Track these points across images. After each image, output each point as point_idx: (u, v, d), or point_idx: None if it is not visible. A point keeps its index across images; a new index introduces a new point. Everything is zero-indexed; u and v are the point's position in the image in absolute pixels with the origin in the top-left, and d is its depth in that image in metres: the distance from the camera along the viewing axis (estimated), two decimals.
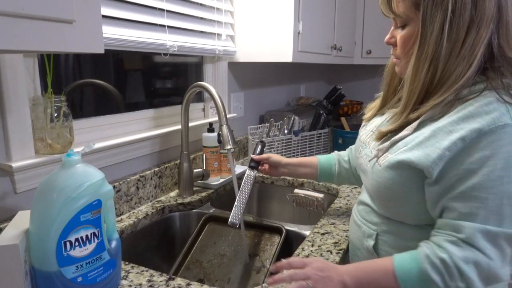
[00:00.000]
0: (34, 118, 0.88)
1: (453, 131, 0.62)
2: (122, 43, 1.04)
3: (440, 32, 0.64)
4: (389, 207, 0.76)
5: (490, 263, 0.62)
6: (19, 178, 0.86)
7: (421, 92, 0.68)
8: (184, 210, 1.24)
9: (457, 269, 0.62)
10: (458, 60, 0.64)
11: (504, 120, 0.59)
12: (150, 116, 1.30)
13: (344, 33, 2.10)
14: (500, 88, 0.62)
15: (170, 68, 1.49)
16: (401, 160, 0.68)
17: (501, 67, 0.64)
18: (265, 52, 1.56)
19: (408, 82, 0.70)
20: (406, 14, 0.69)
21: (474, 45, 0.64)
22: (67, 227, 0.65)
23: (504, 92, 0.62)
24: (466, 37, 0.63)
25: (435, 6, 0.64)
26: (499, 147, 0.59)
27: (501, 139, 0.59)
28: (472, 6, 0.63)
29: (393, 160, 0.69)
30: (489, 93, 0.63)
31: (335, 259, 0.88)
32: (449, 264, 0.62)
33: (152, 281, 0.79)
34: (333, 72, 3.08)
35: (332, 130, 1.87)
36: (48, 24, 0.53)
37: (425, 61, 0.66)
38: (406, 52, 0.71)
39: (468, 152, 0.61)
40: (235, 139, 1.10)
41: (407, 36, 0.70)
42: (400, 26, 0.72)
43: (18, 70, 0.83)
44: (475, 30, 0.63)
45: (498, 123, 0.59)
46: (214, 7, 1.45)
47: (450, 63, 0.65)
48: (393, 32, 0.75)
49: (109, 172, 1.07)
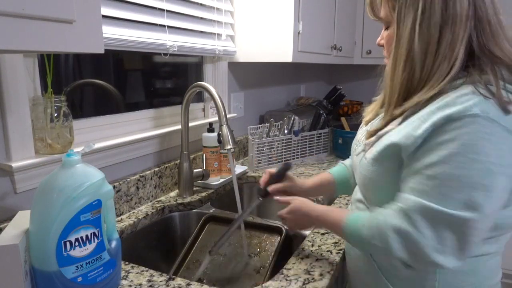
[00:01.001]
0: (34, 118, 0.88)
1: (427, 119, 0.65)
2: (122, 43, 1.04)
3: (412, 32, 0.68)
4: (377, 199, 0.78)
5: (419, 237, 0.63)
6: (19, 178, 0.86)
7: (401, 90, 0.71)
8: (184, 210, 1.24)
9: (382, 231, 0.66)
10: (438, 59, 0.67)
11: (474, 110, 0.61)
12: (150, 116, 1.30)
13: (344, 33, 2.10)
14: (478, 82, 0.64)
15: (170, 68, 1.49)
16: (384, 146, 0.71)
17: (482, 64, 0.66)
18: (265, 52, 1.56)
19: (387, 80, 0.74)
20: (386, 16, 0.74)
21: (453, 44, 0.66)
22: (67, 227, 0.65)
23: (482, 86, 0.64)
24: (440, 36, 0.66)
25: (407, 7, 0.68)
26: (461, 134, 0.61)
27: (465, 126, 0.61)
28: (442, 6, 0.66)
29: (377, 149, 0.73)
30: (466, 86, 0.65)
31: (335, 259, 0.89)
32: (379, 225, 0.67)
33: (152, 281, 0.79)
34: (333, 72, 3.08)
35: (332, 130, 1.87)
36: (48, 24, 0.53)
37: (401, 59, 0.70)
38: (389, 52, 0.75)
39: (434, 135, 0.64)
40: (235, 139, 1.09)
41: (389, 37, 0.74)
42: (386, 28, 0.77)
43: (18, 70, 0.83)
44: (450, 30, 0.66)
45: (467, 112, 0.61)
46: (214, 7, 1.45)
47: (428, 62, 0.68)
48: (383, 34, 0.79)
49: (109, 172, 1.07)
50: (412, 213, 0.64)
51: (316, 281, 0.80)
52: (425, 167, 0.64)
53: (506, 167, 0.62)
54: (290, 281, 0.80)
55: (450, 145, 0.62)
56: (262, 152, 1.59)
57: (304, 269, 0.84)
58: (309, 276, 0.81)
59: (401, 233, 0.65)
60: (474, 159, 0.61)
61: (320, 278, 0.81)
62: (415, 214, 0.64)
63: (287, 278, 0.81)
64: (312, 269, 0.84)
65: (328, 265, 0.86)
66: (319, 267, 0.85)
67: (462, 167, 0.61)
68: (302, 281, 0.80)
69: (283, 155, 1.67)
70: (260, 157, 1.59)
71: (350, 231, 0.74)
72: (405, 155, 0.68)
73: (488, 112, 0.61)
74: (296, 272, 0.83)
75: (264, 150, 1.59)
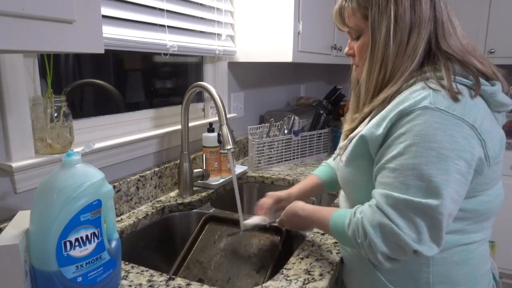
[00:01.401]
0: (34, 118, 0.88)
1: (386, 117, 0.70)
2: (122, 43, 1.04)
3: (387, 36, 0.73)
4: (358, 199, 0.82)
5: (395, 228, 0.66)
6: (19, 178, 0.86)
7: (375, 90, 0.77)
8: (184, 210, 1.24)
9: (363, 229, 0.69)
10: (404, 58, 0.73)
11: (424, 103, 0.66)
12: (150, 116, 1.30)
13: (344, 33, 2.10)
14: (430, 78, 0.70)
15: (170, 68, 1.49)
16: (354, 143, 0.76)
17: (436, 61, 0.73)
18: (265, 52, 1.56)
19: (364, 82, 0.79)
20: (357, 25, 0.78)
21: (416, 44, 0.73)
22: (67, 227, 0.65)
23: (433, 81, 0.69)
24: (409, 38, 0.73)
25: (380, 14, 0.73)
26: (414, 126, 0.66)
27: (417, 118, 0.66)
28: (411, 10, 0.72)
29: (349, 150, 0.79)
30: (418, 83, 0.71)
31: (335, 259, 0.89)
32: (360, 224, 0.70)
33: (152, 281, 0.79)
34: (333, 72, 3.08)
35: (332, 130, 1.87)
36: (48, 24, 0.53)
37: (377, 62, 0.75)
38: (362, 58, 0.80)
39: (391, 131, 0.70)
40: (235, 139, 1.09)
41: (362, 45, 0.79)
42: (355, 38, 0.81)
43: (18, 70, 0.83)
44: (416, 31, 0.73)
45: (417, 105, 0.67)
46: (214, 7, 1.45)
47: (397, 62, 0.74)
48: (350, 44, 0.84)
49: (109, 172, 1.07)
50: (382, 206, 0.68)
51: (316, 281, 0.80)
52: (387, 161, 0.69)
53: (461, 151, 0.65)
54: (290, 281, 0.80)
55: (405, 137, 0.67)
56: (262, 152, 1.59)
57: (304, 269, 0.84)
58: (309, 276, 0.81)
59: (380, 227, 0.68)
60: (428, 147, 0.65)
61: (320, 278, 0.81)
62: (385, 206, 0.67)
63: (287, 278, 0.81)
64: (312, 269, 0.84)
65: (328, 265, 0.86)
66: (319, 267, 0.85)
67: (418, 156, 0.65)
68: (302, 281, 0.80)
69: (283, 155, 1.67)
70: (260, 157, 1.59)
71: (334, 230, 0.78)
72: (372, 152, 0.74)
73: (437, 103, 0.66)
74: (296, 272, 0.83)
75: (264, 150, 1.59)
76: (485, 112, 0.70)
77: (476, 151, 0.67)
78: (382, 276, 0.79)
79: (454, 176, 0.65)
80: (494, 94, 0.71)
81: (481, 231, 0.77)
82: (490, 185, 0.74)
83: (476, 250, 0.77)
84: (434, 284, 0.75)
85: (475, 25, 2.46)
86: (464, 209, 0.71)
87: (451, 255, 0.75)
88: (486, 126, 0.68)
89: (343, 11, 0.80)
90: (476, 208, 0.73)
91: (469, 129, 0.66)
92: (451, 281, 0.76)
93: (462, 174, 0.66)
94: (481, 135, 0.67)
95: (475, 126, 0.66)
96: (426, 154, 0.65)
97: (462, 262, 0.76)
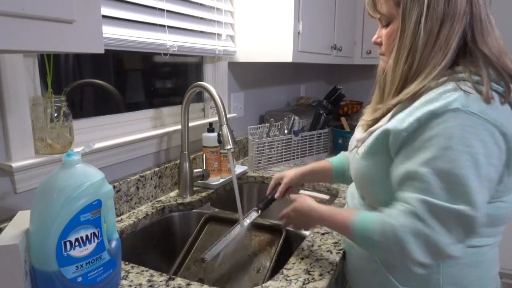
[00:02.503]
0: (34, 118, 0.88)
1: (412, 113, 0.69)
2: (122, 43, 1.04)
3: (417, 24, 0.72)
4: (371, 194, 0.82)
5: (437, 237, 0.64)
6: (19, 178, 0.86)
7: (401, 79, 0.75)
8: (184, 210, 1.24)
9: (396, 235, 0.66)
10: (434, 50, 0.71)
11: (455, 105, 0.65)
12: (150, 116, 1.30)
13: (344, 33, 2.10)
14: (462, 79, 0.68)
15: (170, 68, 1.49)
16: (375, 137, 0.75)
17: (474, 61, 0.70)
18: (265, 52, 1.56)
19: (390, 71, 0.77)
20: (389, 12, 0.77)
21: (449, 37, 0.71)
22: (67, 227, 0.65)
23: (466, 83, 0.67)
24: (440, 29, 0.71)
25: (413, 2, 0.72)
26: (445, 128, 0.65)
27: (449, 121, 0.65)
28: (445, 2, 0.71)
29: (368, 143, 0.77)
30: (449, 83, 0.69)
31: (335, 259, 0.89)
32: (392, 230, 0.67)
33: (152, 281, 0.79)
34: (333, 72, 3.08)
35: (332, 130, 1.87)
36: (48, 24, 0.53)
37: (404, 50, 0.74)
38: (389, 47, 0.79)
39: (420, 131, 0.67)
40: (235, 139, 1.09)
41: (391, 32, 0.78)
42: (385, 25, 0.80)
43: (18, 70, 0.83)
44: (449, 24, 0.70)
45: (449, 107, 0.65)
46: (214, 7, 1.45)
47: (426, 53, 0.72)
48: (379, 33, 0.83)
49: (109, 172, 1.07)
50: (421, 213, 0.65)
51: (316, 281, 0.80)
52: (420, 164, 0.66)
53: (493, 158, 0.64)
54: (290, 281, 0.80)
55: (438, 140, 0.65)
56: (262, 152, 1.59)
57: (304, 269, 0.84)
58: (309, 276, 0.81)
59: (417, 235, 0.65)
60: (463, 151, 0.63)
61: (320, 278, 0.81)
62: (424, 213, 0.65)
63: (287, 278, 0.81)
64: (312, 269, 0.84)
65: (328, 265, 0.86)
66: (319, 267, 0.85)
67: (454, 160, 0.64)
68: (302, 281, 0.80)
69: (283, 155, 1.67)
70: (260, 157, 1.59)
71: (360, 235, 0.74)
72: (392, 147, 0.72)
73: (469, 106, 0.64)
74: (296, 272, 0.83)
75: (264, 150, 1.59)
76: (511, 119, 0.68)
77: (503, 158, 0.66)
78: (391, 276, 0.79)
79: (484, 183, 0.64)
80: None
81: (494, 236, 0.76)
82: (508, 192, 0.72)
83: (487, 253, 0.76)
84: (444, 285, 0.75)
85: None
86: None
87: (463, 257, 0.73)
88: None
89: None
90: (492, 213, 0.72)
91: (500, 136, 0.65)
92: (461, 283, 0.75)
93: (490, 181, 0.66)
94: (510, 143, 0.66)
95: (507, 133, 0.65)
96: (462, 158, 0.63)
97: (474, 265, 0.75)
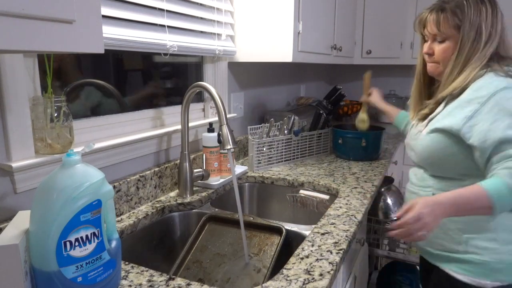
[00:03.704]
0: (34, 118, 0.88)
1: (470, 101, 0.97)
2: (122, 43, 1.04)
3: (472, 45, 1.01)
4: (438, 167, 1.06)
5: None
6: (19, 178, 0.86)
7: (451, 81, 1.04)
8: (184, 210, 1.24)
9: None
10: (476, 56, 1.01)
11: (503, 84, 0.95)
12: (150, 116, 1.30)
13: (344, 33, 2.10)
14: (497, 70, 0.98)
15: (170, 68, 1.49)
16: (438, 128, 1.02)
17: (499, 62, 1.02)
18: (265, 52, 1.56)
19: (447, 76, 1.06)
20: (448, 32, 1.04)
21: (487, 50, 1.01)
22: (67, 227, 0.65)
23: (501, 72, 0.98)
24: (485, 46, 1.01)
25: (471, 27, 1.01)
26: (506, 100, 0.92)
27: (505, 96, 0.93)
28: (492, 27, 1.01)
29: (432, 127, 1.04)
30: (489, 73, 0.99)
31: (335, 259, 0.89)
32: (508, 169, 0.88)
33: (152, 281, 0.79)
34: (333, 72, 3.08)
35: (332, 130, 1.87)
36: (48, 24, 0.53)
37: (458, 65, 1.03)
38: (445, 58, 1.07)
39: (482, 110, 0.94)
40: (235, 139, 1.09)
41: (447, 48, 1.06)
42: (440, 41, 1.07)
43: (18, 70, 0.83)
44: (491, 42, 1.01)
45: (499, 87, 0.94)
46: (214, 7, 1.45)
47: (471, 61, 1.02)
48: (431, 45, 1.10)
49: (109, 172, 1.07)
50: None
51: (316, 281, 0.80)
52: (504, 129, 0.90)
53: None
54: (290, 281, 0.80)
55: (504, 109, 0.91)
56: (262, 152, 1.59)
57: (304, 269, 0.84)
58: (309, 276, 0.81)
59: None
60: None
61: (320, 278, 0.81)
62: None
63: (287, 278, 0.81)
64: (312, 269, 0.84)
65: (328, 265, 0.86)
66: (319, 267, 0.85)
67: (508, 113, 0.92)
68: (302, 281, 0.80)
69: (283, 155, 1.67)
70: (260, 157, 1.59)
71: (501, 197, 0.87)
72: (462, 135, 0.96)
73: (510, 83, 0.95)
74: (296, 272, 0.83)
75: (264, 150, 1.59)
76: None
77: None
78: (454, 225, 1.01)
79: None
80: None
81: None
82: None
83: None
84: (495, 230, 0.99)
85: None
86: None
87: None
88: None
89: (441, 20, 1.04)
90: None
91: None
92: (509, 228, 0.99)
93: None
94: None
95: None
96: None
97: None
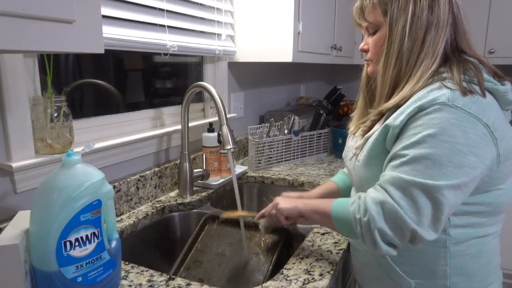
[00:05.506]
0: (34, 118, 0.88)
1: (404, 111, 0.74)
2: (122, 43, 1.04)
3: (403, 31, 0.78)
4: None
5: (396, 207, 0.68)
6: (19, 178, 0.86)
7: (391, 84, 0.80)
8: (184, 210, 1.24)
9: (364, 205, 0.72)
10: (422, 55, 0.77)
11: (442, 99, 0.70)
12: (150, 116, 1.30)
13: (344, 33, 2.10)
14: (447, 78, 0.75)
15: (170, 68, 1.49)
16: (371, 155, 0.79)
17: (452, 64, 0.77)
18: (265, 52, 1.56)
19: (380, 76, 0.82)
20: (376, 20, 0.83)
21: (435, 43, 0.77)
22: (67, 227, 0.65)
23: (450, 81, 0.74)
24: (425, 36, 0.77)
25: (399, 11, 0.78)
26: (432, 119, 0.70)
27: (434, 113, 0.70)
28: (429, 11, 0.77)
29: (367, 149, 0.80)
30: (435, 83, 0.75)
31: (335, 259, 0.89)
32: (362, 201, 0.73)
33: (152, 281, 0.79)
34: (333, 72, 3.08)
35: (332, 130, 1.87)
36: (48, 24, 0.53)
37: (393, 56, 0.79)
38: (376, 53, 0.84)
39: (408, 123, 0.73)
40: (235, 139, 1.09)
41: (378, 39, 0.83)
42: (371, 33, 0.85)
43: (18, 70, 0.83)
44: (434, 31, 0.77)
45: (436, 101, 0.71)
46: (214, 7, 1.45)
47: (413, 58, 0.78)
48: (366, 40, 0.88)
49: (109, 172, 1.07)
50: (386, 185, 0.71)
51: (316, 281, 0.80)
52: (402, 148, 0.72)
53: (474, 147, 0.68)
54: (290, 281, 0.80)
55: (422, 128, 0.70)
56: (262, 152, 1.59)
57: (304, 269, 0.84)
58: (309, 276, 0.81)
59: (381, 204, 0.70)
60: (443, 140, 0.68)
61: (320, 278, 0.81)
62: (389, 185, 0.70)
63: (287, 278, 0.81)
64: (312, 269, 0.84)
65: (328, 265, 0.86)
66: (319, 267, 0.85)
67: (433, 147, 0.68)
68: (302, 281, 0.80)
69: (283, 155, 1.67)
70: (260, 157, 1.59)
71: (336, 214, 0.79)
72: (388, 145, 0.76)
73: (454, 100, 0.70)
74: (296, 272, 0.83)
75: (264, 150, 1.59)
76: (497, 111, 0.74)
77: (488, 148, 0.70)
78: (398, 268, 0.82)
79: (463, 170, 0.68)
80: (506, 93, 0.76)
81: (495, 224, 0.80)
82: (504, 179, 0.76)
83: (490, 243, 0.80)
84: (451, 276, 0.78)
85: (475, 25, 2.46)
86: (480, 202, 0.75)
87: (467, 247, 0.78)
88: (498, 125, 0.71)
89: (364, 6, 0.84)
90: (491, 202, 0.76)
91: (482, 127, 0.69)
92: (466, 273, 0.79)
93: (472, 168, 0.69)
94: (494, 133, 0.70)
95: (488, 124, 0.70)
96: (441, 146, 0.68)
97: (477, 255, 0.79)
